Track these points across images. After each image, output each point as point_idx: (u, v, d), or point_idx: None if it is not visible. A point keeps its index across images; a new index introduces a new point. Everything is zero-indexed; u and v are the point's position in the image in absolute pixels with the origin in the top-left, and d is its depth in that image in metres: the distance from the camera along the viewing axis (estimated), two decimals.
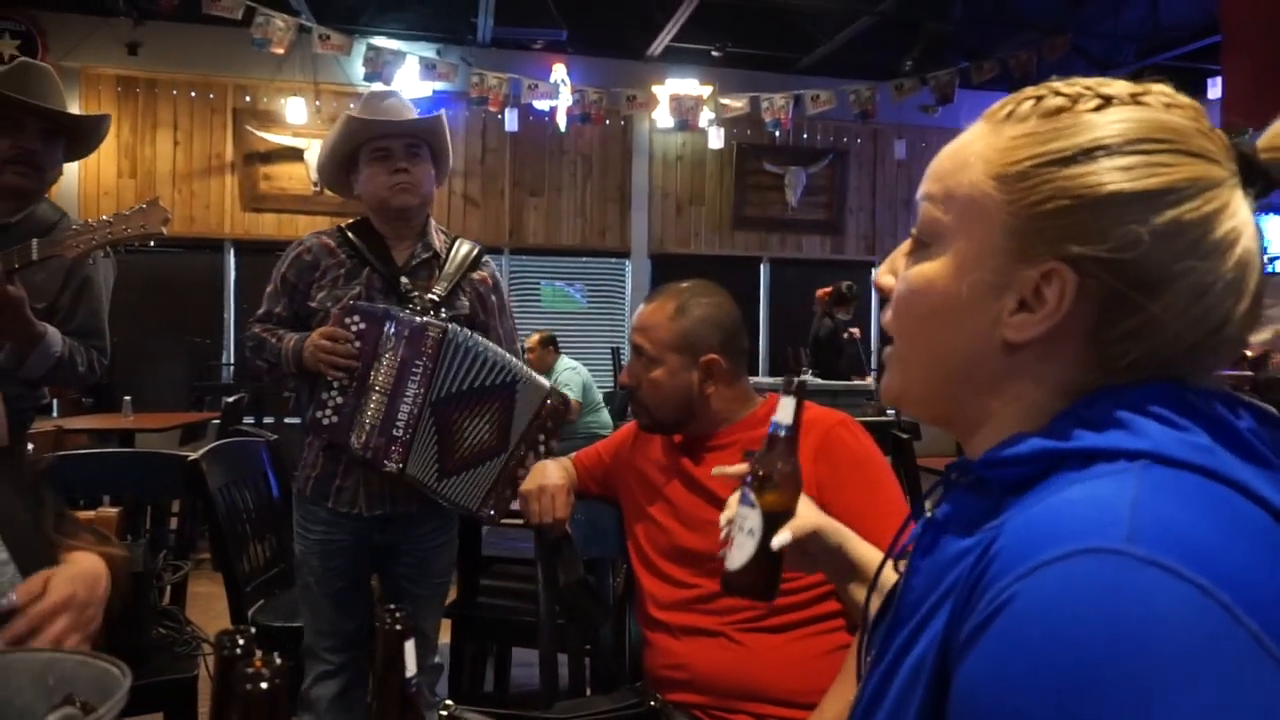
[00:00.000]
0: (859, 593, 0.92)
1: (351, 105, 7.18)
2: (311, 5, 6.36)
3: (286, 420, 5.62)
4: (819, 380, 5.81)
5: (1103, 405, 0.55)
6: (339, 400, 1.77)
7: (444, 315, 1.84)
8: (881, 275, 0.68)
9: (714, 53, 7.51)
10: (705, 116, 7.32)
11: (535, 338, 5.45)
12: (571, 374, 5.30)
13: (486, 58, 7.16)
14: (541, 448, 1.85)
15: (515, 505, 1.70)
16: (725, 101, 7.28)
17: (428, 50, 7.01)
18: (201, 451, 2.14)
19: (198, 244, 7.13)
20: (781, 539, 0.89)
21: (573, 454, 1.69)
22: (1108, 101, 0.58)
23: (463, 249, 1.95)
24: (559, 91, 7.03)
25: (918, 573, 0.61)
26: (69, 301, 1.93)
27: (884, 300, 0.67)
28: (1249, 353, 6.56)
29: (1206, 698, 0.41)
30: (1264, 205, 0.58)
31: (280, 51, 6.13)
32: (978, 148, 0.61)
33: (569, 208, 7.89)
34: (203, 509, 2.14)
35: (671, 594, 1.44)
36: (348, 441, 1.76)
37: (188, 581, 2.19)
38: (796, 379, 0.93)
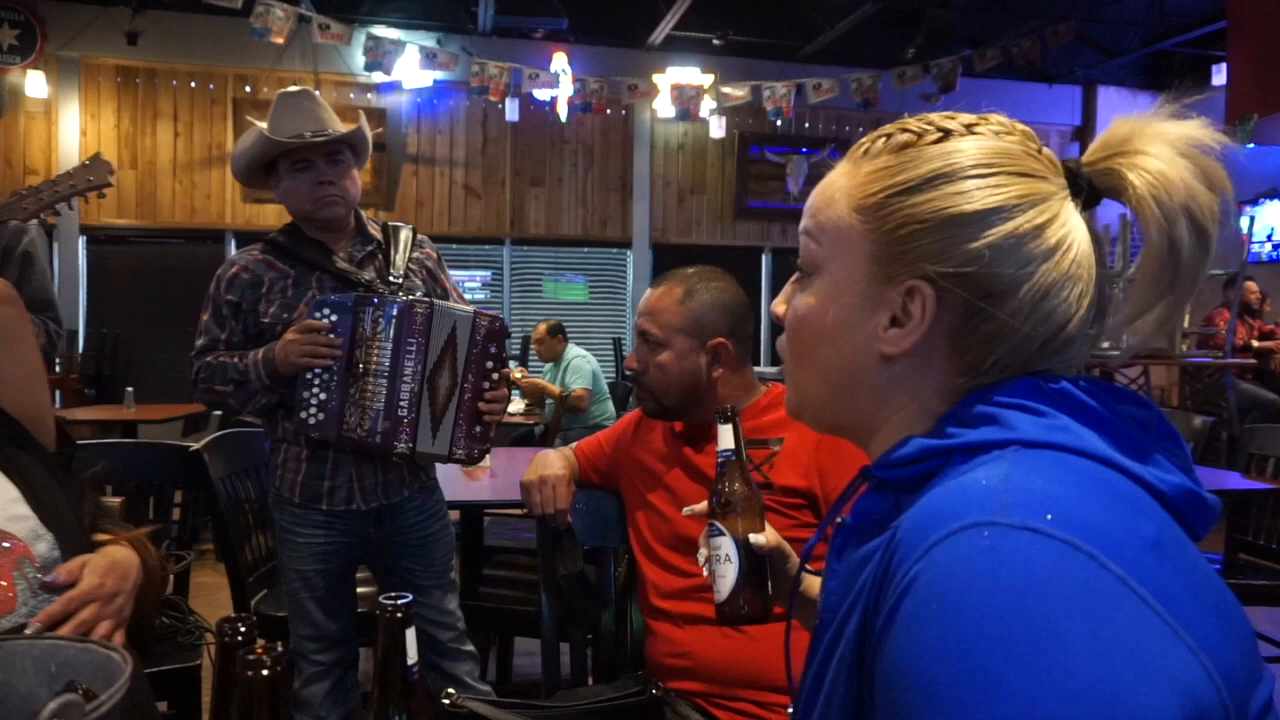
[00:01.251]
0: None
1: (352, 95, 7.19)
2: None
3: None
4: None
5: (974, 405, 0.61)
6: (322, 396, 1.74)
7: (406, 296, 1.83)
8: (776, 305, 0.74)
9: (715, 41, 7.48)
10: (706, 105, 7.29)
11: (543, 327, 5.39)
12: (582, 362, 5.26)
13: (487, 47, 7.13)
14: (494, 375, 1.84)
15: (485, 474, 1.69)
16: (726, 90, 7.25)
17: (428, 39, 6.98)
18: (204, 442, 2.14)
19: (199, 235, 7.12)
20: (758, 539, 0.93)
21: (574, 444, 1.69)
22: (946, 134, 0.65)
23: (402, 233, 1.94)
24: (560, 81, 7.01)
25: (834, 576, 0.66)
26: (15, 278, 1.92)
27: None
28: (1254, 343, 6.56)
29: (1087, 638, 0.46)
30: (1268, 192, 0.60)
31: (280, 41, 6.11)
32: (841, 184, 0.68)
33: (570, 198, 7.87)
34: (205, 500, 2.15)
35: (673, 582, 1.44)
36: (339, 433, 1.75)
37: (190, 572, 2.20)
38: (730, 408, 1.00)
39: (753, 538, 0.92)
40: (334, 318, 1.75)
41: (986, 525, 0.50)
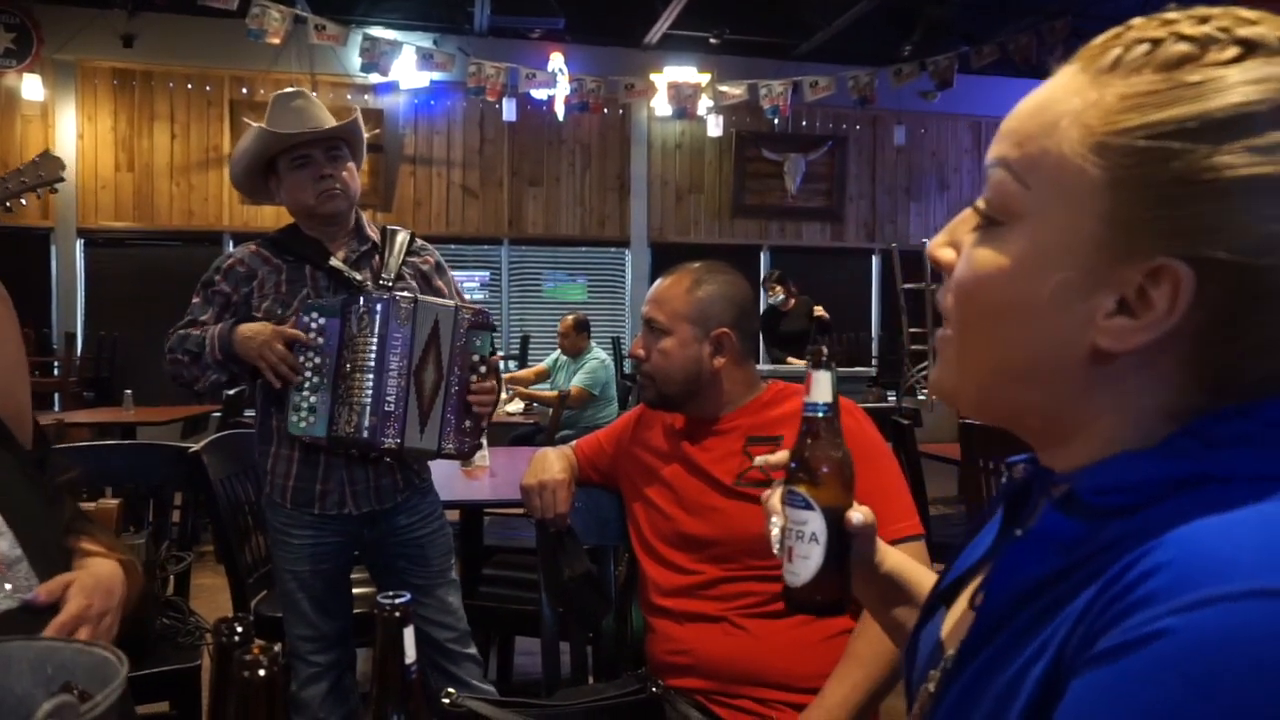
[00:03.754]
0: (902, 614, 0.80)
1: (349, 96, 7.18)
2: None
3: None
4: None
5: (1234, 422, 0.46)
6: (312, 399, 1.75)
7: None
8: (938, 248, 0.57)
9: (712, 40, 7.48)
10: (704, 104, 7.29)
11: (570, 320, 5.31)
12: (598, 364, 5.19)
13: (484, 47, 7.13)
14: (482, 367, 1.85)
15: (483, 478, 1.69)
16: (724, 89, 7.25)
17: (424, 40, 6.98)
18: (202, 444, 2.14)
19: (196, 237, 7.12)
20: (857, 517, 0.76)
21: (573, 442, 1.69)
22: (1249, 50, 0.45)
23: (399, 235, 1.95)
24: (557, 80, 7.01)
25: (1000, 589, 0.54)
26: None
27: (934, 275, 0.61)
28: None
29: None
30: None
31: (276, 42, 6.10)
32: (1072, 106, 0.49)
33: (568, 197, 7.87)
34: (204, 501, 2.15)
35: (674, 580, 1.44)
36: (330, 435, 1.75)
37: (190, 573, 2.19)
38: (824, 351, 0.81)
39: (851, 515, 0.76)
40: (321, 321, 1.76)
41: None
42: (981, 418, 0.58)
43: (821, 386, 0.80)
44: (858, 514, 0.76)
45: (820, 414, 0.79)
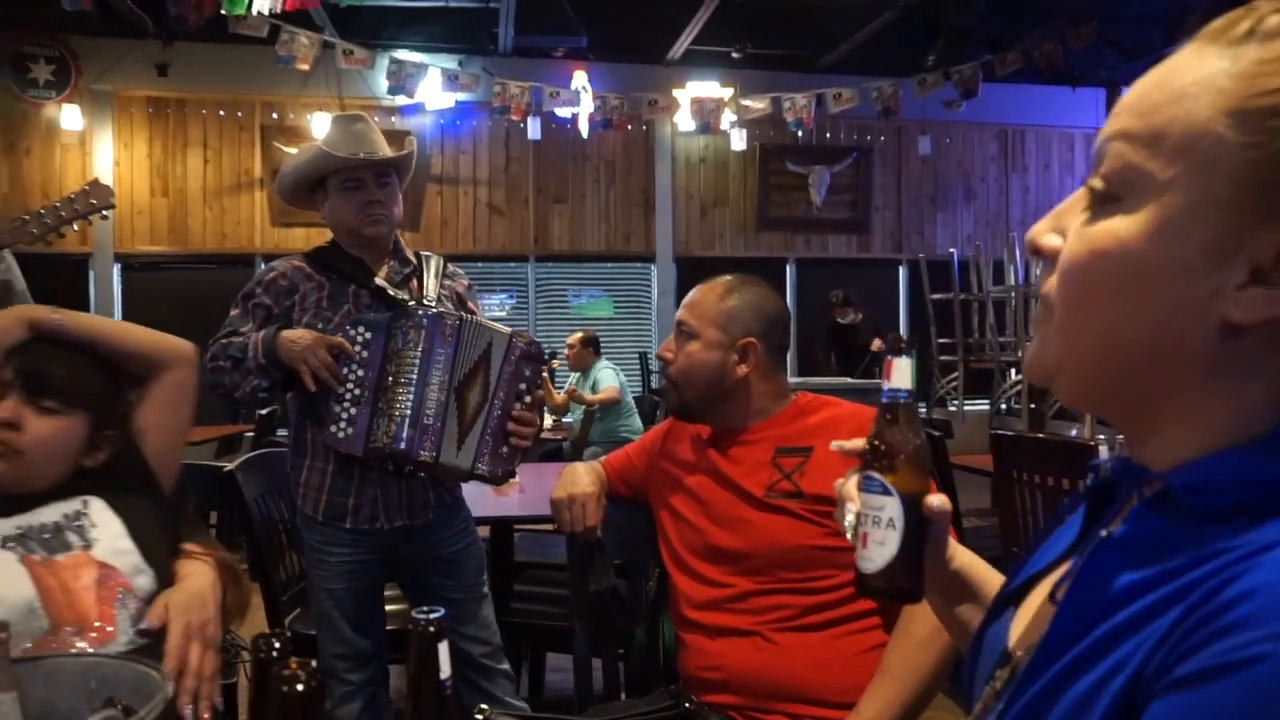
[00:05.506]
0: (967, 612, 0.78)
1: (376, 119, 7.27)
2: (335, 21, 6.44)
3: None
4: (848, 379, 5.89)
5: None
6: (352, 411, 1.76)
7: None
8: (1043, 235, 0.55)
9: (734, 54, 7.50)
10: (727, 118, 7.30)
11: (577, 336, 5.45)
12: (609, 374, 5.33)
13: (508, 67, 7.21)
14: (527, 398, 1.87)
15: (509, 480, 1.82)
16: (746, 103, 7.26)
17: (450, 62, 7.07)
18: (236, 463, 2.16)
19: (229, 259, 7.24)
20: (935, 502, 0.74)
21: (603, 458, 1.70)
22: None
23: (433, 260, 1.99)
24: (580, 98, 7.06)
25: (1084, 591, 0.52)
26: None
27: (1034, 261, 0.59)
28: None
29: None
30: None
31: (305, 68, 6.21)
32: (1204, 74, 0.48)
33: (593, 214, 7.91)
34: (239, 519, 2.17)
35: (705, 594, 1.43)
36: (366, 446, 1.76)
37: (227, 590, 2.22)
38: (902, 338, 0.81)
39: (930, 500, 0.75)
40: (368, 335, 1.78)
41: None
42: (1080, 402, 0.56)
43: (901, 372, 0.80)
44: (936, 499, 0.75)
45: (901, 399, 0.79)
